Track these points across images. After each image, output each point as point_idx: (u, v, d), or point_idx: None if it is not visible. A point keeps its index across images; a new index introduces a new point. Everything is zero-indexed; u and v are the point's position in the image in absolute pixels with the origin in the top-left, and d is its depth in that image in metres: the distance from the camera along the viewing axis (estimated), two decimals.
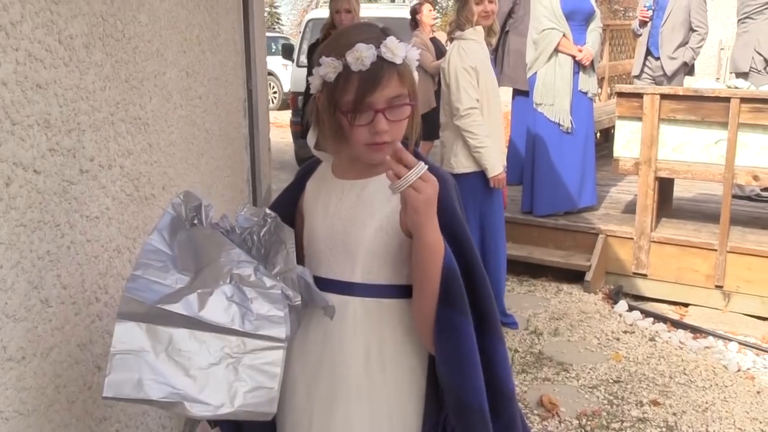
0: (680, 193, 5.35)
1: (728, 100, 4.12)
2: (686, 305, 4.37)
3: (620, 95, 4.57)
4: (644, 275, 4.51)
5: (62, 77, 1.49)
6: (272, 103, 14.20)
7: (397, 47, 1.29)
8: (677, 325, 4.07)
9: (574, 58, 4.73)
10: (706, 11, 5.87)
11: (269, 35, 14.27)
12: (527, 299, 4.47)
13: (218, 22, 3.27)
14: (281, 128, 10.54)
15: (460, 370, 1.30)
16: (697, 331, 3.96)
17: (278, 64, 13.76)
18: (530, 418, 3.09)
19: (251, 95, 4.33)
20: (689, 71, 6.06)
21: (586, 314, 4.21)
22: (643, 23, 6.07)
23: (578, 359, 3.65)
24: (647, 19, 6.00)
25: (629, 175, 4.91)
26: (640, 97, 4.41)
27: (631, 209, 4.87)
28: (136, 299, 1.21)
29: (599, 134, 6.95)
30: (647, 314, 4.19)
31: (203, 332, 1.23)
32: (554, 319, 4.14)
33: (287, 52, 8.85)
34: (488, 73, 3.63)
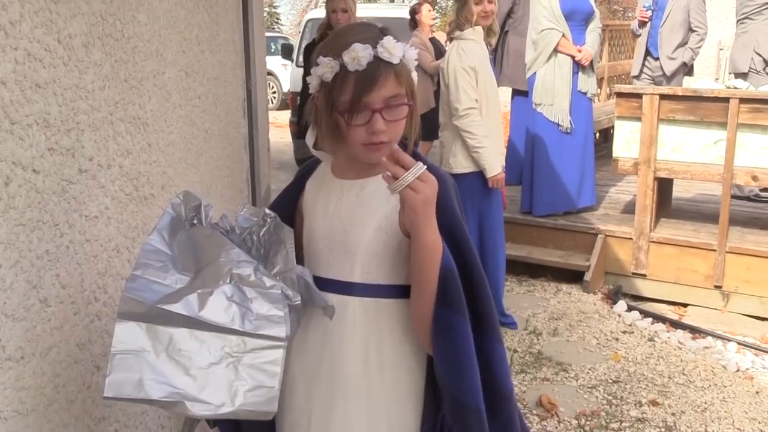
0: (679, 193, 5.35)
1: (727, 100, 4.12)
2: (685, 305, 4.37)
3: (619, 95, 4.57)
4: (643, 275, 4.51)
5: (61, 77, 1.49)
6: (271, 103, 14.19)
7: (394, 47, 1.29)
8: (676, 325, 4.07)
9: (573, 58, 4.73)
10: (705, 11, 5.87)
11: (268, 35, 14.27)
12: (526, 299, 4.47)
13: (217, 21, 3.27)
14: (280, 128, 10.53)
15: (456, 370, 1.30)
16: (696, 331, 3.97)
17: (277, 64, 13.76)
18: (529, 418, 3.09)
19: (250, 95, 4.32)
20: (688, 71, 6.06)
21: (585, 314, 4.21)
22: (642, 23, 6.07)
23: (577, 359, 3.65)
24: (646, 19, 6.00)
25: (628, 175, 4.92)
26: (639, 97, 4.41)
27: (630, 209, 4.87)
28: (136, 299, 1.21)
29: (598, 134, 6.95)
30: (646, 314, 4.19)
31: (203, 332, 1.23)
32: (553, 319, 4.14)
33: (286, 52, 8.85)
34: (487, 73, 3.63)
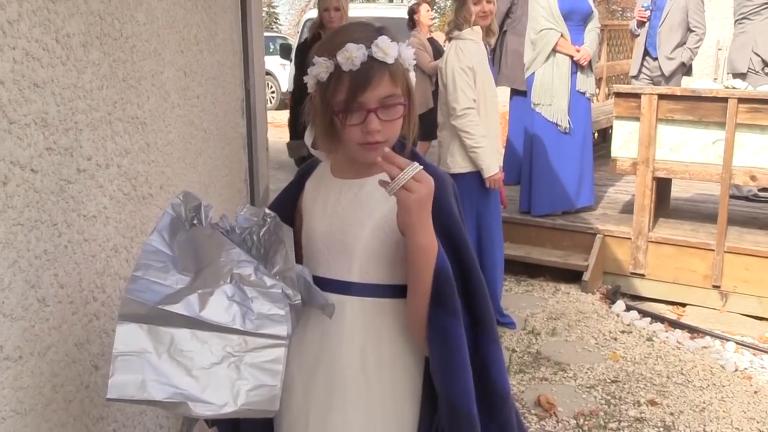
0: (678, 193, 5.35)
1: (726, 100, 4.13)
2: (684, 305, 4.37)
3: (618, 95, 4.57)
4: (642, 275, 4.51)
5: (59, 76, 1.49)
6: (270, 102, 14.18)
7: (388, 47, 1.28)
8: (675, 325, 4.07)
9: (572, 58, 4.74)
10: (703, 12, 5.88)
11: (267, 35, 14.25)
12: (525, 299, 4.47)
13: (216, 21, 3.26)
14: (279, 128, 10.50)
15: (448, 371, 1.30)
16: (694, 331, 3.97)
17: (276, 63, 13.75)
18: (528, 417, 3.09)
19: (249, 95, 4.32)
20: (687, 71, 6.06)
21: (583, 314, 4.21)
22: (640, 23, 6.07)
23: (576, 359, 3.65)
24: (645, 19, 6.00)
25: (627, 175, 4.92)
26: (637, 97, 4.42)
27: (628, 209, 4.87)
28: (136, 300, 1.21)
29: (597, 134, 6.95)
30: (645, 314, 4.19)
31: (205, 332, 1.23)
32: (552, 319, 4.15)
33: (285, 51, 8.88)
34: (485, 73, 3.63)
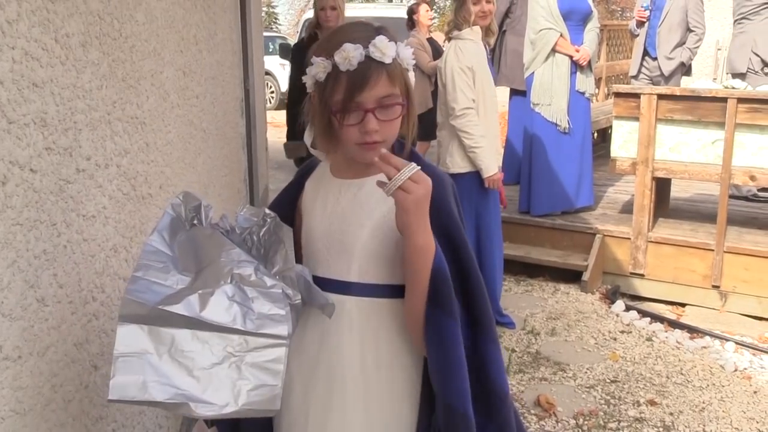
0: (677, 193, 5.35)
1: (725, 100, 4.13)
2: (683, 305, 4.37)
3: (617, 95, 4.57)
4: (641, 275, 4.51)
5: (59, 76, 1.49)
6: (269, 102, 14.17)
7: (386, 47, 1.28)
8: (674, 325, 4.07)
9: (571, 58, 4.73)
10: (703, 11, 5.88)
11: (266, 35, 14.25)
12: (524, 299, 4.47)
13: (215, 21, 3.26)
14: (278, 128, 10.49)
15: (444, 371, 1.30)
16: (694, 331, 3.97)
17: (275, 63, 13.75)
18: (527, 417, 3.09)
19: (248, 95, 4.32)
20: (686, 71, 6.07)
21: (583, 314, 4.21)
22: (640, 23, 6.07)
23: (575, 359, 3.65)
24: (644, 19, 6.00)
25: (626, 175, 4.92)
26: (637, 97, 4.42)
27: (628, 209, 4.87)
28: (137, 301, 1.21)
29: (596, 134, 6.95)
30: (644, 314, 4.19)
31: (205, 332, 1.23)
32: (551, 318, 4.14)
33: (284, 51, 8.87)
34: (485, 73, 3.63)
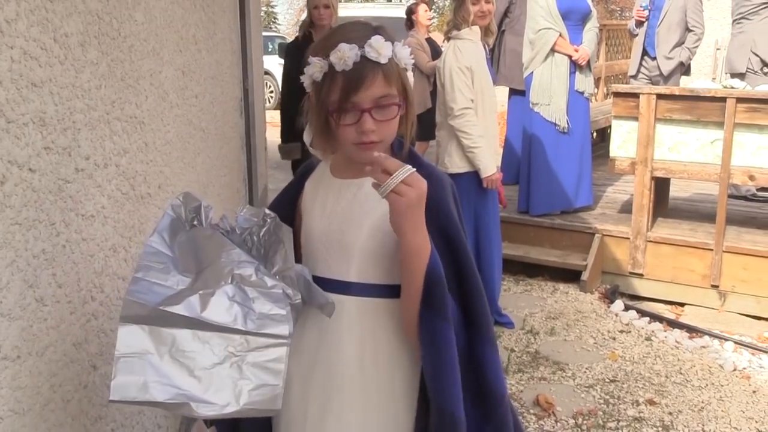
0: (676, 192, 5.35)
1: (724, 100, 4.13)
2: (682, 305, 4.38)
3: (616, 95, 4.57)
4: (640, 275, 4.51)
5: (57, 75, 1.49)
6: (268, 102, 14.18)
7: (382, 46, 1.28)
8: (673, 324, 4.07)
9: (570, 57, 4.74)
10: (702, 11, 5.88)
11: (266, 34, 14.25)
12: (523, 299, 4.47)
13: (214, 21, 3.26)
14: (277, 127, 10.43)
15: (435, 373, 1.30)
16: (693, 330, 3.97)
17: (275, 63, 13.72)
18: (526, 417, 3.09)
19: (247, 94, 4.32)
20: (685, 71, 6.07)
21: (582, 314, 4.21)
22: (639, 23, 6.07)
23: (574, 359, 3.65)
24: (643, 18, 6.01)
25: (625, 174, 4.92)
26: (636, 96, 4.42)
27: (627, 209, 4.87)
28: (138, 302, 1.21)
29: (596, 134, 6.95)
30: (643, 314, 4.19)
31: (206, 332, 1.23)
32: (550, 318, 4.15)
33: (283, 51, 8.84)
34: (483, 73, 3.63)
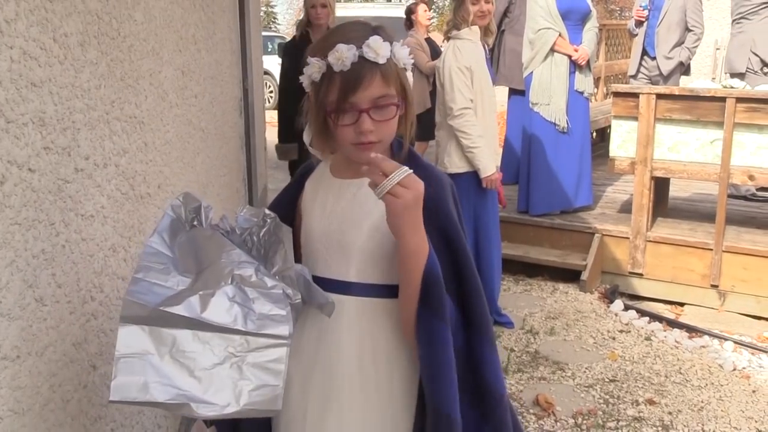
0: (676, 192, 5.36)
1: (724, 99, 4.13)
2: (682, 304, 4.38)
3: (616, 95, 4.57)
4: (640, 275, 4.51)
5: (57, 75, 1.49)
6: (268, 102, 14.17)
7: (380, 47, 1.27)
8: (673, 324, 4.07)
9: (570, 57, 4.73)
10: (701, 11, 5.88)
11: (265, 34, 14.26)
12: (523, 298, 4.47)
13: (214, 21, 3.26)
14: (277, 127, 10.49)
15: (432, 373, 1.30)
16: (692, 330, 3.97)
17: (274, 63, 13.72)
18: (526, 417, 3.09)
19: (247, 94, 4.32)
20: (685, 71, 6.07)
21: (582, 313, 4.21)
22: (639, 23, 6.07)
23: (574, 358, 3.65)
24: (643, 18, 6.00)
25: (625, 174, 4.92)
26: (636, 96, 4.42)
27: (627, 209, 4.87)
28: (138, 302, 1.21)
29: (595, 134, 6.95)
30: (643, 313, 4.19)
31: (206, 333, 1.23)
32: (550, 318, 4.15)
33: (282, 51, 8.85)
34: (483, 73, 3.63)
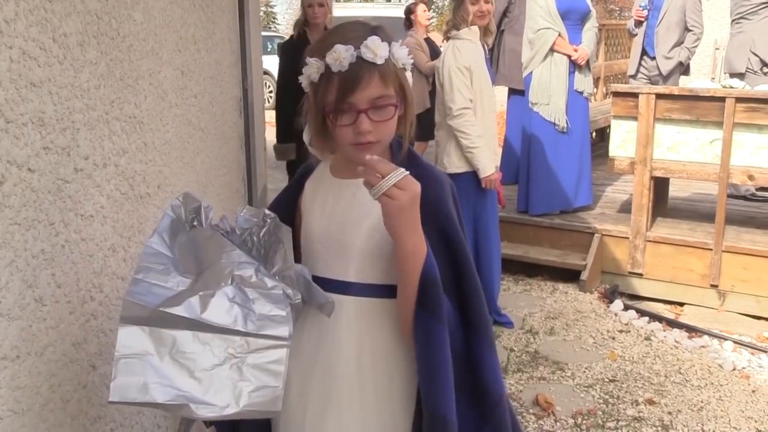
0: (676, 192, 5.35)
1: (723, 99, 4.13)
2: (681, 304, 4.38)
3: (616, 95, 4.57)
4: (640, 274, 4.51)
5: (56, 75, 1.49)
6: (268, 102, 14.15)
7: (378, 47, 1.27)
8: (673, 324, 4.07)
9: (569, 57, 4.73)
10: (701, 11, 5.88)
11: (265, 34, 14.25)
12: (523, 298, 4.47)
13: (214, 20, 3.26)
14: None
15: (428, 374, 1.30)
16: (692, 330, 3.97)
17: (274, 63, 13.70)
18: (526, 417, 3.09)
19: (247, 94, 4.31)
20: (685, 71, 6.07)
21: (581, 313, 4.21)
22: (638, 23, 6.07)
23: (574, 358, 3.65)
24: (643, 18, 6.00)
25: (625, 174, 4.92)
26: (635, 96, 4.42)
27: (626, 208, 4.87)
28: (138, 303, 1.21)
29: (595, 134, 6.95)
30: (643, 313, 4.19)
31: (206, 333, 1.23)
32: (550, 318, 4.15)
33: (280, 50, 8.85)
34: (482, 73, 3.63)
